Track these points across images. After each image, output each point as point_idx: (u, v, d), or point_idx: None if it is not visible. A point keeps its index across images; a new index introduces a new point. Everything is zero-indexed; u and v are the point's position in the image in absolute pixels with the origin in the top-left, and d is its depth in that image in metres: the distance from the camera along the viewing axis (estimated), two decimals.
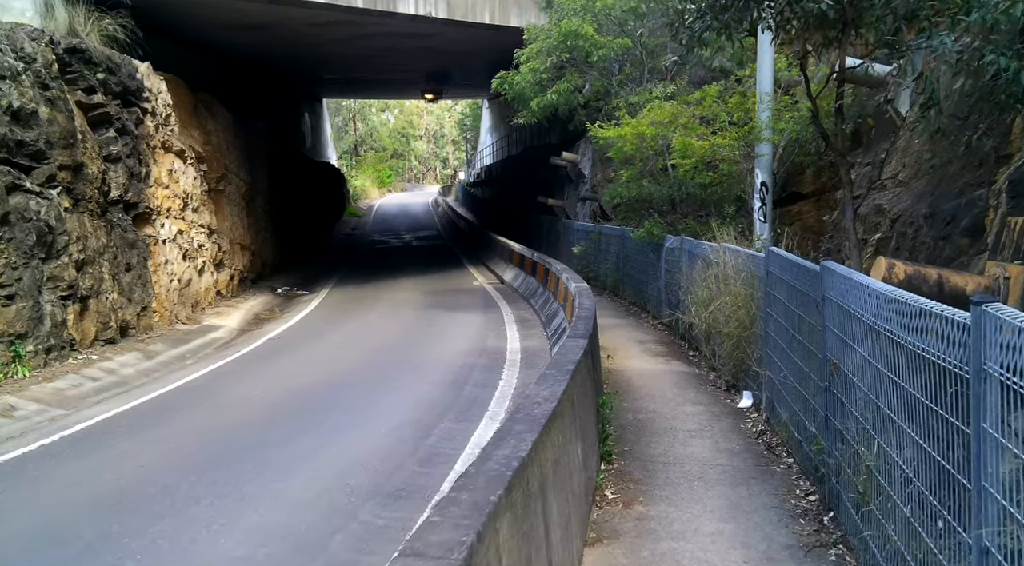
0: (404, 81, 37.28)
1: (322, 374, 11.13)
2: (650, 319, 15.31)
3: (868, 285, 4.42)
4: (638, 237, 15.19)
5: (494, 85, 18.96)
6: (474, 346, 13.00)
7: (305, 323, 16.62)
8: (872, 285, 4.34)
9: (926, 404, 3.63)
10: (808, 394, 6.29)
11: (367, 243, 38.65)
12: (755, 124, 11.24)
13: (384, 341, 14.02)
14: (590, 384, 6.39)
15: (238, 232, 20.60)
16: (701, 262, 11.31)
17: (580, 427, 5.33)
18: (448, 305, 18.40)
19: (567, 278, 13.68)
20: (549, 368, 5.47)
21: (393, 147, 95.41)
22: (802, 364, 6.53)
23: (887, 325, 3.98)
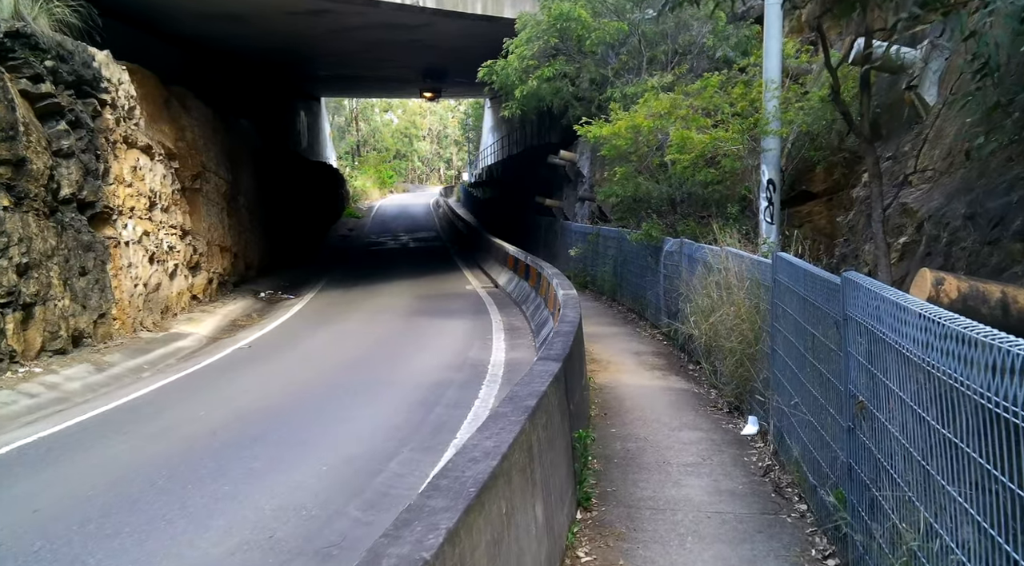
0: (400, 79, 36.21)
1: (280, 392, 10.09)
2: (648, 327, 14.24)
3: (911, 307, 3.35)
4: (635, 239, 14.12)
5: (480, 74, 17.82)
6: (455, 358, 11.95)
7: (280, 331, 15.58)
8: (917, 308, 3.27)
9: (1003, 481, 2.56)
10: (825, 431, 5.22)
11: (363, 245, 37.65)
12: (761, 116, 10.17)
13: (359, 352, 12.97)
14: (561, 418, 5.31)
15: (217, 233, 19.58)
16: (702, 267, 10.24)
17: (542, 479, 4.26)
18: (436, 311, 17.35)
19: (557, 283, 12.63)
20: (503, 404, 4.40)
21: (396, 148, 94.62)
22: (817, 393, 5.45)
23: (944, 366, 2.91)
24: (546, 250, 26.96)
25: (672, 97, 11.95)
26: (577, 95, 16.60)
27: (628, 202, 15.60)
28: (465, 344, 13.23)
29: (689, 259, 11.46)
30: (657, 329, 13.75)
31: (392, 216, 52.81)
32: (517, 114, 17.67)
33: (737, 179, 11.61)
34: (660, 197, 14.26)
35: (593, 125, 13.35)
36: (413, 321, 16.10)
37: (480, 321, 15.72)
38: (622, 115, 12.82)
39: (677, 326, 11.67)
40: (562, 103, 16.92)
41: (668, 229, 14.04)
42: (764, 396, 7.37)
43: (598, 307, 17.09)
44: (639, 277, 15.40)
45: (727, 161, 11.03)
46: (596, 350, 12.32)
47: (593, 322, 15.10)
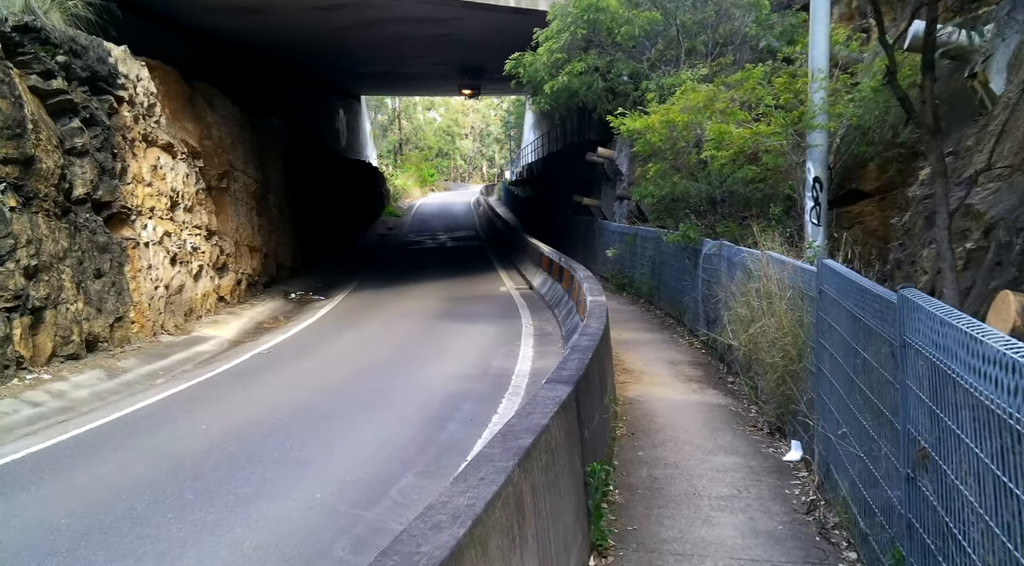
0: (436, 76, 35.73)
1: (289, 402, 9.55)
2: (686, 334, 13.46)
3: (991, 343, 2.62)
4: (672, 241, 13.35)
5: (507, 67, 17.12)
6: (477, 367, 11.32)
7: (304, 334, 15.11)
8: (1000, 344, 2.54)
9: None
10: (878, 471, 4.47)
11: (400, 244, 37.27)
12: (806, 108, 9.35)
13: (379, 358, 12.42)
14: (570, 452, 4.64)
15: (245, 233, 19.23)
16: (741, 273, 9.47)
17: (537, 534, 3.60)
18: (465, 314, 16.76)
19: (587, 288, 11.93)
20: (493, 443, 3.74)
21: (438, 146, 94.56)
22: (868, 426, 4.70)
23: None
24: (584, 250, 26.23)
25: (710, 89, 11.15)
26: (610, 89, 15.83)
27: (666, 201, 14.84)
28: (490, 351, 12.61)
29: (728, 263, 10.69)
30: (695, 336, 12.98)
31: (432, 215, 52.42)
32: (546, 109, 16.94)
33: (780, 177, 10.79)
34: (699, 196, 13.47)
35: (627, 117, 12.60)
36: (440, 325, 15.52)
37: (509, 325, 15.08)
38: (657, 108, 12.05)
39: (715, 336, 10.92)
40: (594, 98, 16.17)
41: (707, 230, 13.25)
42: (809, 418, 6.61)
43: (634, 312, 16.34)
44: (677, 280, 14.64)
45: (769, 158, 10.22)
46: (629, 359, 11.60)
47: (628, 328, 14.38)
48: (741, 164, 10.78)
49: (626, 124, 12.49)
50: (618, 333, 13.80)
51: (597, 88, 15.91)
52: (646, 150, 12.58)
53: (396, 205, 57.58)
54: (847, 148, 10.01)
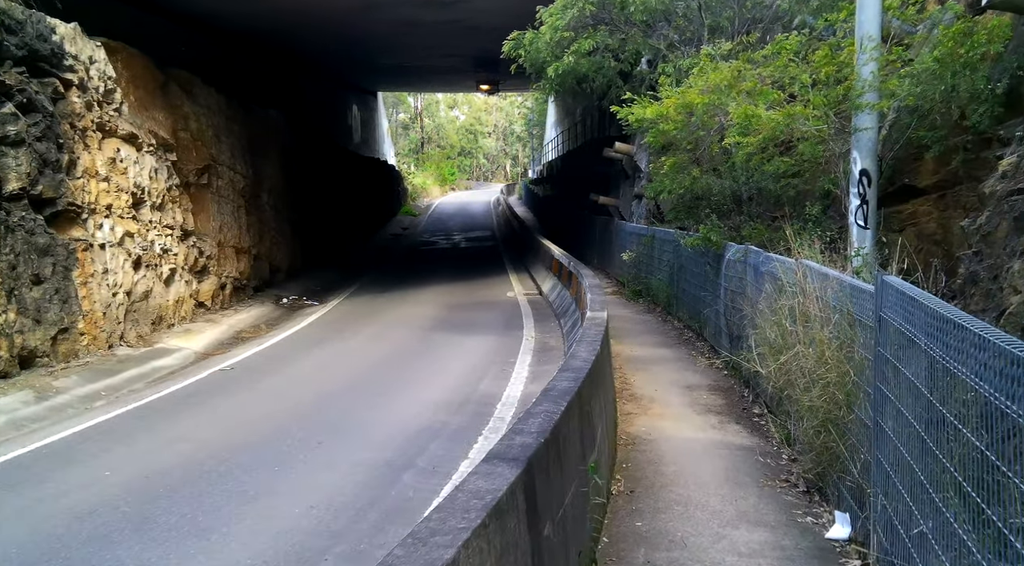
0: (452, 69, 34.14)
1: (217, 442, 7.99)
2: (706, 351, 11.80)
3: None
4: (691, 245, 11.70)
5: (505, 49, 15.43)
6: (460, 391, 9.74)
7: (281, 346, 13.62)
8: None
9: None
10: None
11: (413, 244, 35.84)
12: (851, 83, 7.65)
13: (352, 379, 10.87)
14: None
15: (231, 234, 17.80)
16: (771, 285, 7.82)
17: None
18: (463, 324, 15.20)
19: (590, 300, 10.30)
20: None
21: (460, 144, 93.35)
22: (972, 546, 3.06)
23: None
24: (600, 252, 24.59)
25: (734, 66, 9.44)
26: (623, 72, 14.12)
27: (686, 200, 13.17)
28: (482, 369, 11.03)
29: (755, 272, 9.03)
30: (716, 354, 11.32)
31: (449, 214, 50.97)
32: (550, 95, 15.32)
33: (818, 170, 9.09)
34: (721, 194, 11.81)
35: (636, 104, 10.93)
36: (435, 336, 13.98)
37: (509, 338, 13.49)
38: (671, 92, 10.37)
39: (739, 357, 9.27)
40: (605, 82, 14.45)
41: (731, 233, 11.58)
42: (861, 486, 4.96)
43: (650, 323, 14.68)
44: (697, 289, 12.97)
45: (806, 146, 8.50)
46: (638, 382, 9.97)
47: (641, 342, 12.74)
48: (772, 155, 9.08)
49: (635, 113, 10.82)
50: (629, 348, 12.18)
51: (608, 71, 14.19)
52: (659, 142, 10.93)
53: (414, 204, 56.26)
54: (900, 135, 8.29)
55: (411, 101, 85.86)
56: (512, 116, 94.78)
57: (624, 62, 14.17)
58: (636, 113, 10.79)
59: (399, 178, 52.47)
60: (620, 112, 11.50)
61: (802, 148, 8.56)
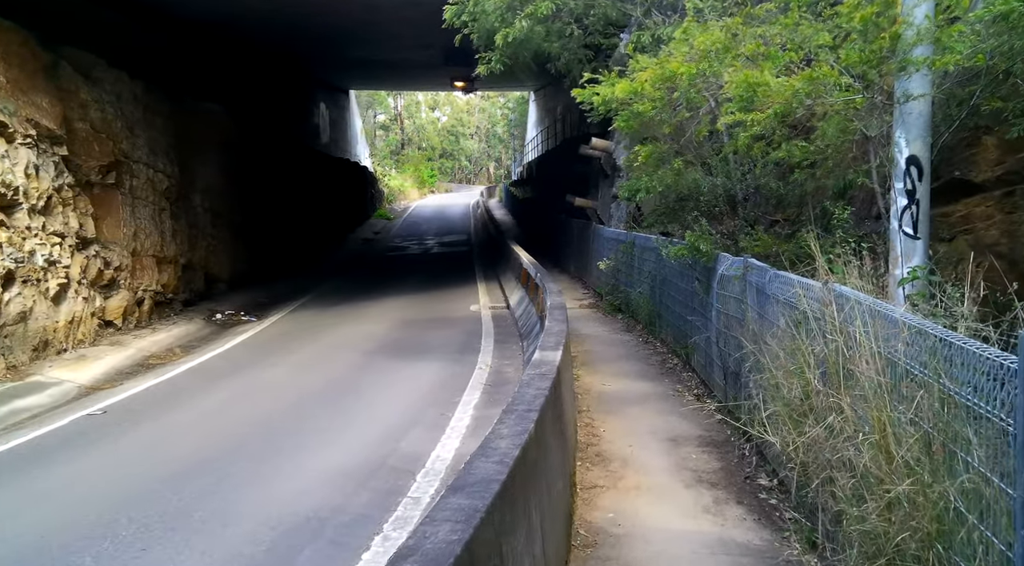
0: (423, 64, 31.84)
1: (14, 536, 5.76)
2: (695, 385, 9.64)
3: None
4: (674, 256, 9.53)
5: (447, 15, 13.09)
6: (376, 450, 7.49)
7: (181, 379, 11.33)
8: None
9: None
10: None
11: (382, 250, 33.60)
12: (897, 30, 5.47)
13: (243, 430, 8.53)
14: None
15: (151, 241, 15.51)
16: (785, 315, 5.68)
17: None
18: (413, 347, 13.00)
19: (547, 327, 8.08)
20: None
21: (442, 146, 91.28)
22: None
23: None
24: (578, 260, 22.41)
25: (729, 24, 7.23)
26: (593, 47, 11.90)
27: (671, 200, 11.02)
28: (415, 413, 8.81)
29: (759, 295, 6.87)
30: (708, 391, 9.16)
31: (425, 218, 48.76)
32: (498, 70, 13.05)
33: (844, 160, 6.92)
34: (712, 192, 9.66)
35: (601, 83, 8.72)
36: (375, 363, 11.75)
37: (461, 365, 11.28)
38: (648, 63, 8.15)
39: (738, 406, 7.11)
40: (569, 57, 12.21)
41: (725, 241, 9.43)
42: None
43: (629, 345, 12.50)
44: (683, 307, 10.81)
45: (830, 125, 6.32)
46: (609, 432, 7.79)
47: (617, 371, 10.58)
48: (780, 139, 6.89)
49: (601, 93, 8.59)
50: (602, 381, 10.01)
51: (573, 44, 11.94)
52: (632, 127, 8.73)
53: (390, 207, 54.07)
54: (956, 111, 6.12)
55: (391, 102, 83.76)
56: (495, 117, 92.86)
57: (592, 33, 11.89)
58: (602, 93, 8.55)
59: (373, 180, 50.22)
60: (580, 95, 9.24)
61: (824, 128, 6.36)
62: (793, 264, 6.99)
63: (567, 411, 6.02)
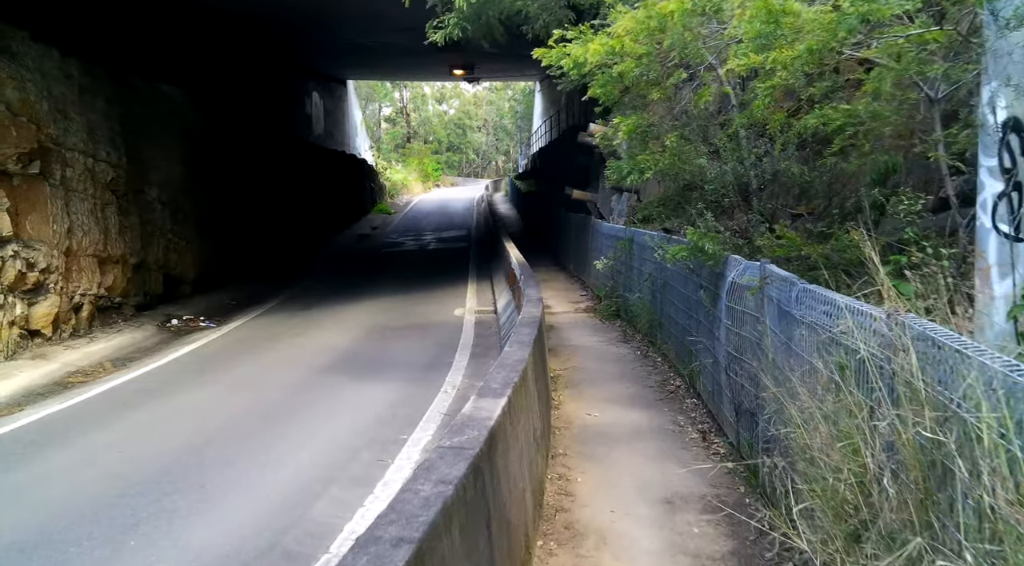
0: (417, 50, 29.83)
1: None
2: (700, 416, 7.84)
3: None
4: (673, 258, 7.72)
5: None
6: (276, 520, 5.71)
7: (86, 406, 9.51)
8: None
9: None
10: None
11: (376, 246, 31.81)
12: None
13: (102, 496, 6.66)
14: None
15: (91, 239, 13.80)
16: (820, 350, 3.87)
17: None
18: (375, 361, 11.27)
19: (507, 352, 6.27)
20: None
21: (449, 139, 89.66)
22: None
23: None
24: (577, 258, 20.60)
25: None
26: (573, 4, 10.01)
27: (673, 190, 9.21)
28: (345, 459, 7.03)
29: (781, 314, 5.06)
30: (715, 425, 7.36)
31: (426, 213, 46.96)
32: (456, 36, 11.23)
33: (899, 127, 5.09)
34: (720, 180, 7.84)
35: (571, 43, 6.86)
36: (324, 382, 10.01)
37: (421, 388, 9.51)
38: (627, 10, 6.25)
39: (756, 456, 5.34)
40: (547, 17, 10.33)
41: (736, 240, 7.62)
42: None
43: (625, 360, 10.70)
44: (686, 318, 8.99)
45: (884, 77, 4.48)
46: (587, 489, 6.02)
47: (608, 394, 8.82)
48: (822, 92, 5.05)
49: (572, 53, 6.74)
50: (588, 407, 8.24)
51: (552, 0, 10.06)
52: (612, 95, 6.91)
53: (391, 202, 52.36)
54: None
55: (396, 95, 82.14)
56: (503, 110, 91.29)
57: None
58: (574, 54, 6.69)
59: (373, 174, 48.49)
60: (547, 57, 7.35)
61: (870, 87, 4.51)
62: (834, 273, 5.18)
63: (511, 513, 4.24)
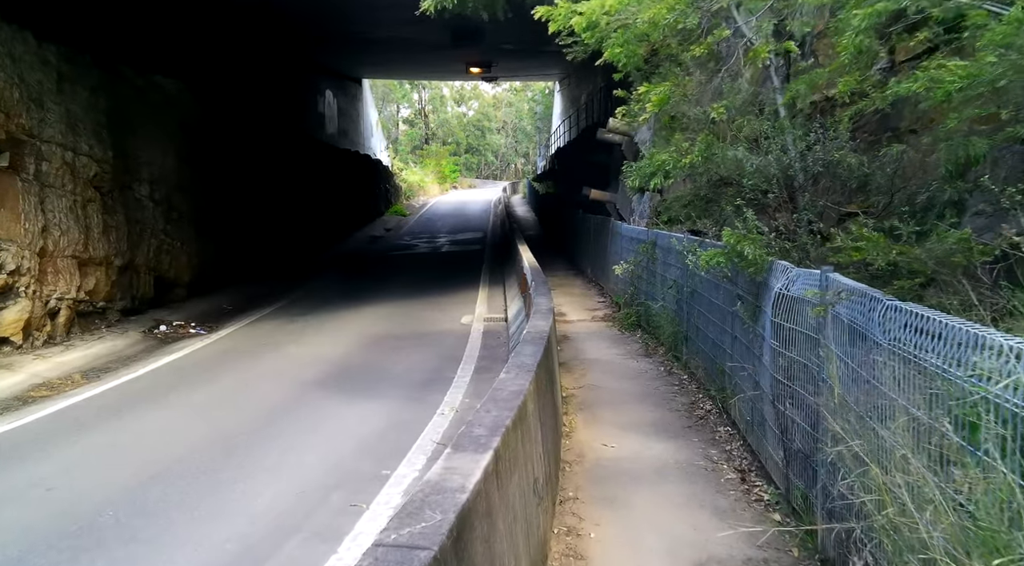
0: (431, 45, 28.96)
1: None
2: (738, 449, 6.66)
3: None
4: (706, 265, 6.53)
5: None
6: None
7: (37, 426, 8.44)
8: None
9: None
10: None
11: (387, 248, 30.78)
12: None
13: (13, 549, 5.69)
14: None
15: (70, 238, 12.81)
16: (929, 397, 2.66)
17: None
18: (364, 376, 10.17)
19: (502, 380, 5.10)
20: None
21: (467, 141, 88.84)
22: None
23: None
24: (595, 262, 19.40)
25: None
26: None
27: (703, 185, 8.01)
28: (313, 502, 5.90)
29: (856, 338, 3.86)
30: (757, 462, 6.17)
31: (442, 215, 45.92)
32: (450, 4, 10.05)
33: None
34: (761, 174, 6.66)
35: None
36: (298, 405, 8.88)
37: (416, 409, 8.38)
38: None
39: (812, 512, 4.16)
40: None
41: (781, 242, 6.43)
42: None
43: (647, 377, 9.52)
44: (719, 331, 7.80)
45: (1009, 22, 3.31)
46: (601, 543, 4.95)
47: (628, 419, 7.68)
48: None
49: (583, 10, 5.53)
50: (605, 435, 7.10)
51: None
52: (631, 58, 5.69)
53: (407, 203, 51.40)
54: None
55: (415, 96, 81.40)
56: (522, 112, 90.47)
57: None
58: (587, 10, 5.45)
59: (388, 175, 47.53)
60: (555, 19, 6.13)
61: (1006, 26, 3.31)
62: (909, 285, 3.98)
63: None
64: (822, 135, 6.55)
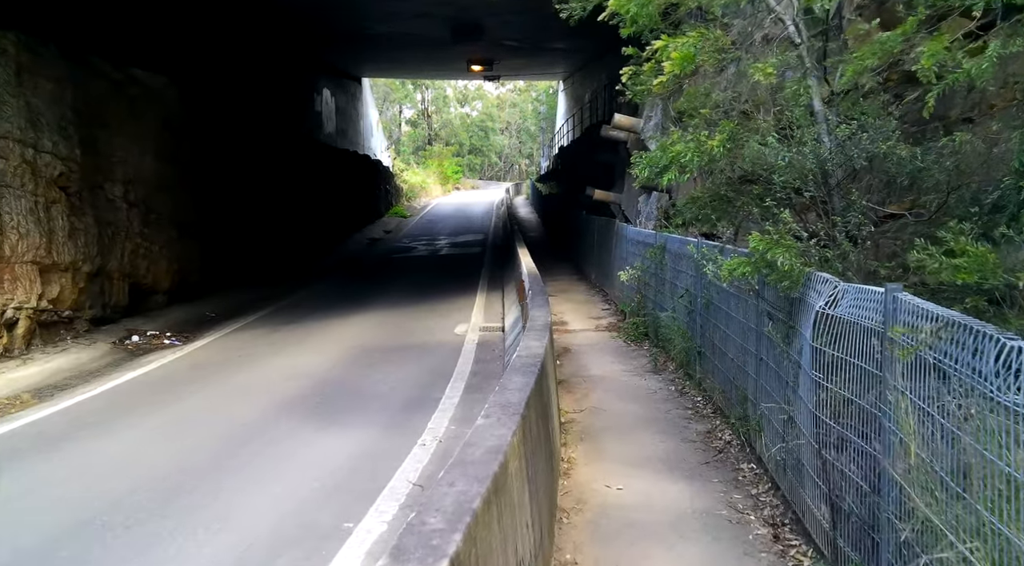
0: (431, 41, 27.93)
1: None
2: (767, 495, 5.62)
3: None
4: (729, 275, 5.48)
5: None
6: None
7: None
8: None
9: None
10: None
11: (385, 251, 29.82)
12: None
13: None
14: None
15: (29, 243, 11.82)
16: None
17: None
18: (343, 396, 9.15)
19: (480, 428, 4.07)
20: None
21: (471, 142, 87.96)
22: None
23: None
24: (599, 266, 18.36)
25: None
26: None
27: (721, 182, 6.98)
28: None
29: (940, 378, 2.81)
30: (793, 517, 5.14)
31: (443, 216, 44.94)
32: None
33: None
34: (798, 168, 5.64)
35: None
36: (263, 432, 7.85)
37: (394, 438, 7.36)
38: None
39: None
40: None
41: (820, 248, 5.40)
42: None
43: (656, 397, 8.48)
44: (739, 348, 6.76)
45: None
46: None
47: (634, 453, 6.67)
48: None
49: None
50: (608, 475, 6.06)
51: None
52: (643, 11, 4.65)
53: (408, 205, 50.43)
54: None
55: (418, 96, 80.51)
56: (526, 112, 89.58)
57: None
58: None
59: (388, 176, 46.55)
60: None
61: None
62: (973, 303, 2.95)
63: None
64: (867, 123, 5.52)
